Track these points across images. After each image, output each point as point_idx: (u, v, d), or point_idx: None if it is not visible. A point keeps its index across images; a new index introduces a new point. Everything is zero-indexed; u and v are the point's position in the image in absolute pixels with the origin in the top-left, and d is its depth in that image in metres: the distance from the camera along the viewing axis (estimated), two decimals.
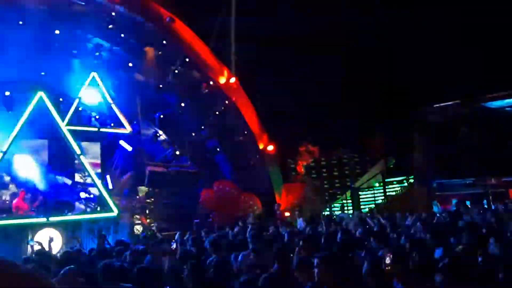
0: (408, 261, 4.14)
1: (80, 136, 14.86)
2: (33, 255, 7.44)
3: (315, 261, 3.34)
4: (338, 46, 20.17)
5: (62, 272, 3.64)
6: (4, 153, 12.23)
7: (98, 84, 15.22)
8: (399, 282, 3.95)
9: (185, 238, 8.44)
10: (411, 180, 15.57)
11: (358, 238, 6.69)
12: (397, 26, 18.68)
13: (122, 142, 16.53)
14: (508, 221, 7.62)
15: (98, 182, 13.24)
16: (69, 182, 15.13)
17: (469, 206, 11.95)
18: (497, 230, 6.19)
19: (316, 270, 3.31)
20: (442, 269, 3.24)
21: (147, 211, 16.52)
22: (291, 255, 5.29)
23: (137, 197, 16.70)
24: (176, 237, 8.73)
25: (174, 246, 8.16)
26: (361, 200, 17.34)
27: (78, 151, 12.65)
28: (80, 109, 15.57)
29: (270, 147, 18.69)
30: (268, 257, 5.13)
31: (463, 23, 19.71)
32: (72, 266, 3.93)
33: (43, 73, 14.65)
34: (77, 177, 15.30)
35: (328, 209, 17.06)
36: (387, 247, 5.50)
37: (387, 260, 3.87)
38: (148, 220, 16.14)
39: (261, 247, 5.84)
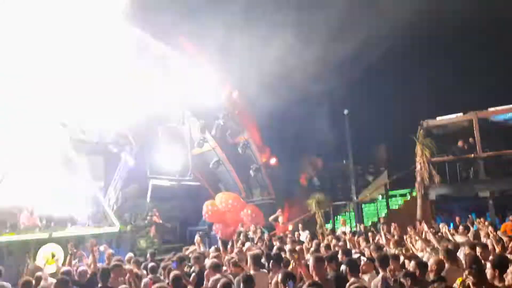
0: None
1: (82, 150, 14.94)
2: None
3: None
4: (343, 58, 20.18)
5: None
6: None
7: None
8: None
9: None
10: (414, 193, 15.49)
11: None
12: (399, 39, 18.75)
13: (124, 155, 16.57)
14: None
15: (101, 196, 13.28)
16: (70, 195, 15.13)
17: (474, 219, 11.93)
18: None
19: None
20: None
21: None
22: None
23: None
24: None
25: None
26: (364, 213, 17.27)
27: None
28: None
29: (273, 160, 18.72)
30: None
31: (465, 35, 19.78)
32: None
33: None
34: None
35: (331, 222, 17.00)
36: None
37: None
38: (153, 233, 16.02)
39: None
